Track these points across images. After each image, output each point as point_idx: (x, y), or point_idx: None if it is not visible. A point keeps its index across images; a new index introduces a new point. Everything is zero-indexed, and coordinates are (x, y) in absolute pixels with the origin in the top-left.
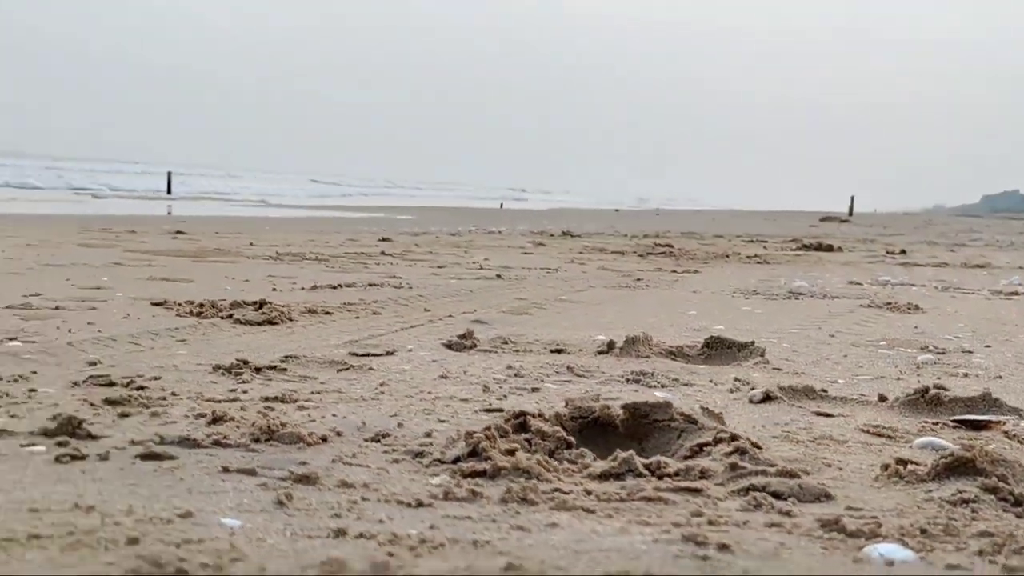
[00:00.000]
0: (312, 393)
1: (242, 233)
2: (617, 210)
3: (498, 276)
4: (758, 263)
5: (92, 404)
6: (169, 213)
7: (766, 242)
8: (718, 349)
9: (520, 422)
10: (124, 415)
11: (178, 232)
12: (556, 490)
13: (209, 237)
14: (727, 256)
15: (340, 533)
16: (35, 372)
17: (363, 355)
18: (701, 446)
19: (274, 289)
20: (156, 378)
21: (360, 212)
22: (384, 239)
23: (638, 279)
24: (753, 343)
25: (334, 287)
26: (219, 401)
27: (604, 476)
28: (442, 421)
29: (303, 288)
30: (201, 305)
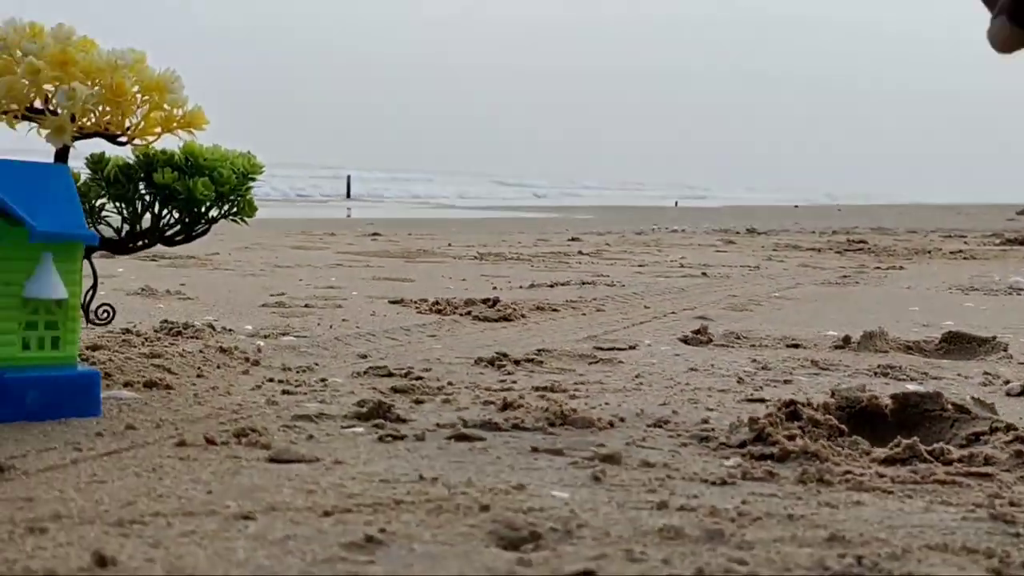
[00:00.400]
0: (576, 384)
1: (433, 235)
2: (796, 206)
3: (703, 274)
4: (964, 259)
5: (382, 392)
6: (348, 215)
7: (965, 237)
8: (957, 344)
9: (791, 411)
10: (418, 401)
11: (374, 234)
12: (848, 472)
13: (405, 239)
14: (928, 252)
15: (662, 505)
16: (317, 364)
17: (608, 349)
18: (977, 435)
19: (494, 288)
20: (426, 370)
21: (537, 213)
22: (573, 239)
23: (844, 276)
24: (995, 338)
25: (550, 285)
26: (496, 390)
27: (888, 461)
28: (710, 409)
29: (521, 286)
30: (437, 303)
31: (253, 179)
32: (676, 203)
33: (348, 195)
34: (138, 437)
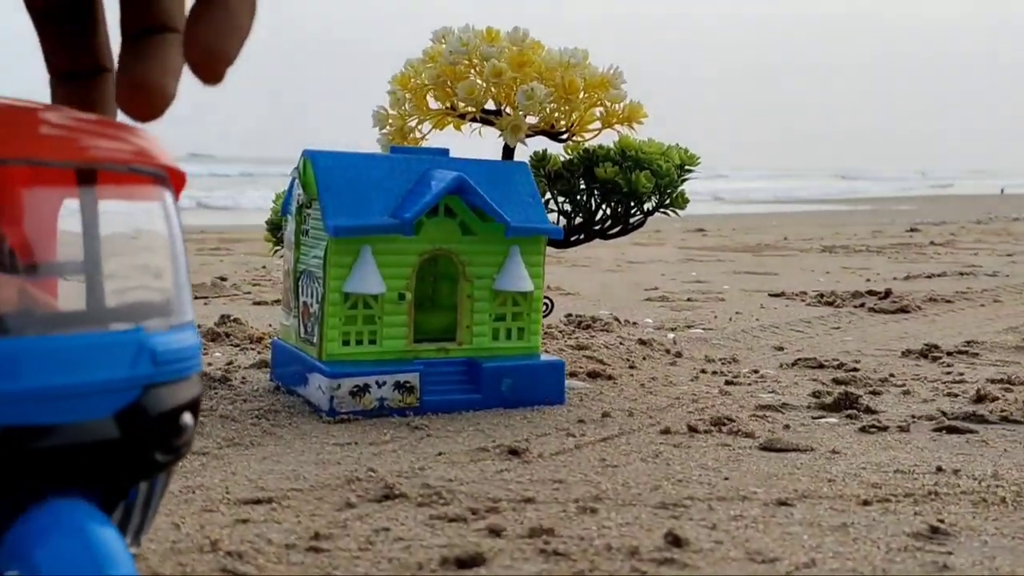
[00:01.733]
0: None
1: (756, 229)
2: None
3: None
4: None
5: (824, 383)
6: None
7: None
8: None
9: None
10: (874, 393)
11: (699, 229)
12: None
13: (734, 233)
14: None
15: None
16: (737, 356)
17: None
18: None
19: (867, 280)
20: (856, 361)
21: (833, 205)
22: (912, 229)
23: None
24: None
25: (927, 276)
26: (949, 382)
27: None
28: None
29: (895, 278)
30: (822, 295)
31: (690, 171)
32: (1002, 190)
33: None
34: (618, 425)
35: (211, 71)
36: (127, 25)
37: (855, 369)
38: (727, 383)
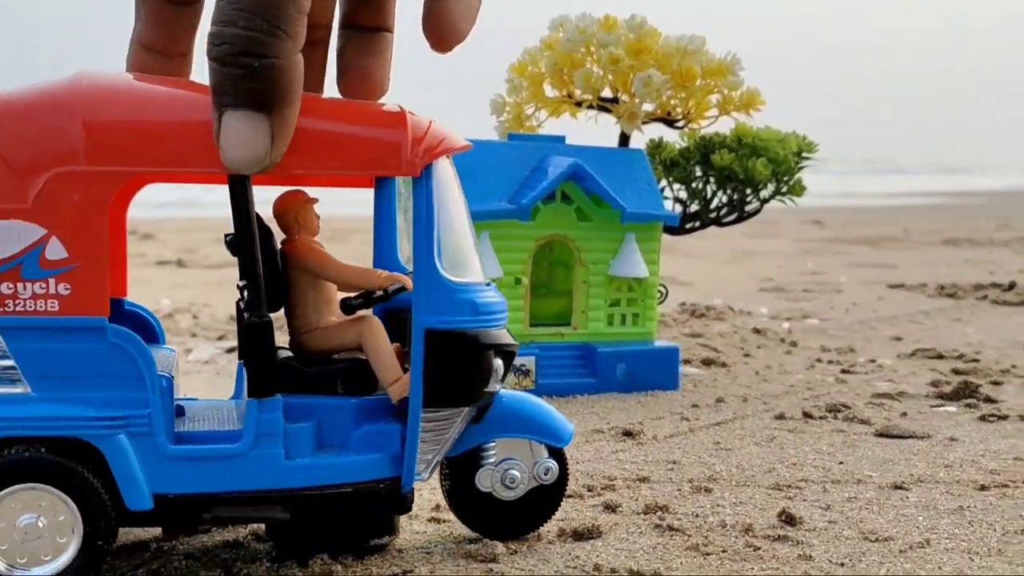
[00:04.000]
0: None
1: (874, 222)
2: None
3: None
4: None
5: (943, 373)
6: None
7: None
8: None
9: None
10: (996, 383)
11: (816, 222)
12: None
13: (851, 226)
14: None
15: None
16: (853, 345)
17: None
18: None
19: (991, 272)
20: (977, 352)
21: (961, 199)
22: None
23: None
24: None
25: None
26: None
27: None
28: None
29: (1021, 271)
30: (943, 287)
31: (808, 158)
32: None
33: None
34: (732, 410)
35: (446, 45)
36: (351, 21)
37: (975, 360)
38: (843, 372)
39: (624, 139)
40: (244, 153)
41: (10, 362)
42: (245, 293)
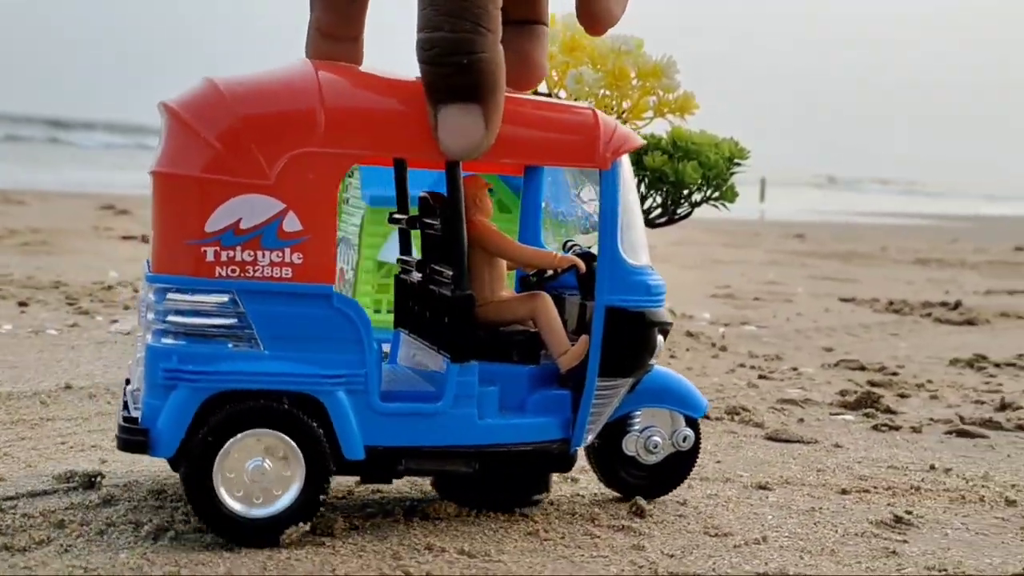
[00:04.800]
0: None
1: (858, 239)
2: None
3: None
4: None
5: (858, 384)
6: (761, 217)
7: None
8: None
9: None
10: (902, 396)
11: (798, 235)
12: None
13: (833, 241)
14: None
15: None
16: (782, 353)
17: None
18: None
19: (947, 292)
20: (900, 366)
21: (909, 219)
22: (1019, 248)
23: None
24: None
25: (1009, 293)
26: (984, 391)
27: None
28: None
29: (976, 292)
30: (892, 302)
31: (739, 164)
32: None
33: (762, 199)
34: None
35: (601, 29)
36: (513, 13)
37: (895, 373)
38: (760, 377)
39: None
40: (463, 142)
41: (234, 321)
42: (429, 268)
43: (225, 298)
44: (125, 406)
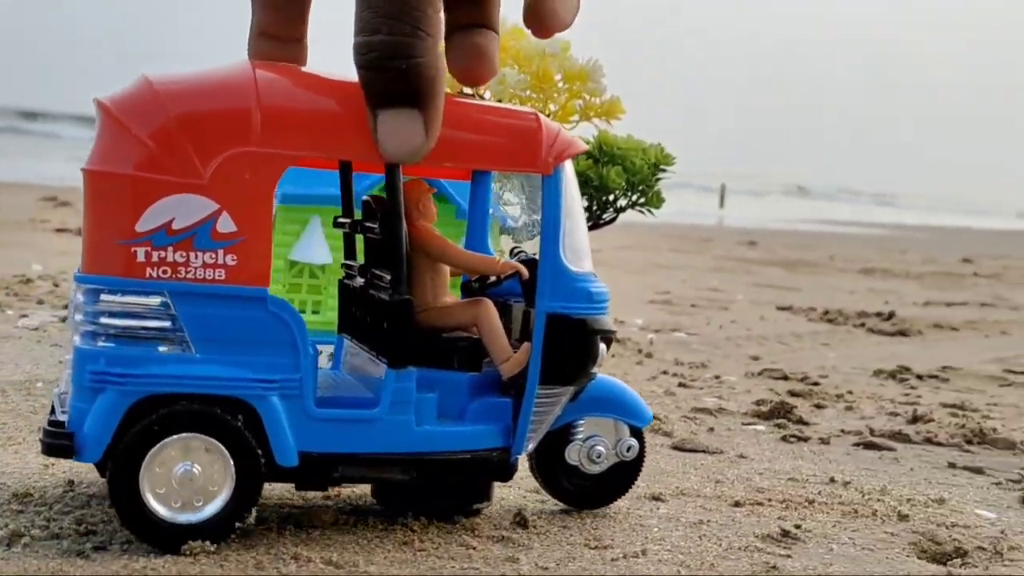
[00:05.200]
0: (989, 404)
1: (809, 247)
2: None
3: None
4: None
5: (778, 393)
6: (719, 223)
7: None
8: None
9: None
10: (819, 406)
11: (750, 242)
12: None
13: (784, 248)
14: None
15: None
16: (709, 360)
17: (1021, 372)
18: None
19: (885, 302)
20: (823, 376)
21: (865, 228)
22: (966, 260)
23: None
24: None
25: (947, 304)
26: (901, 403)
27: None
28: None
29: (914, 303)
30: (827, 312)
31: (664, 170)
32: None
33: (722, 205)
34: None
35: (547, 34)
36: (462, 19)
37: (816, 383)
38: (679, 385)
39: None
40: (402, 146)
41: (166, 324)
42: (370, 273)
43: (156, 300)
44: (52, 410)
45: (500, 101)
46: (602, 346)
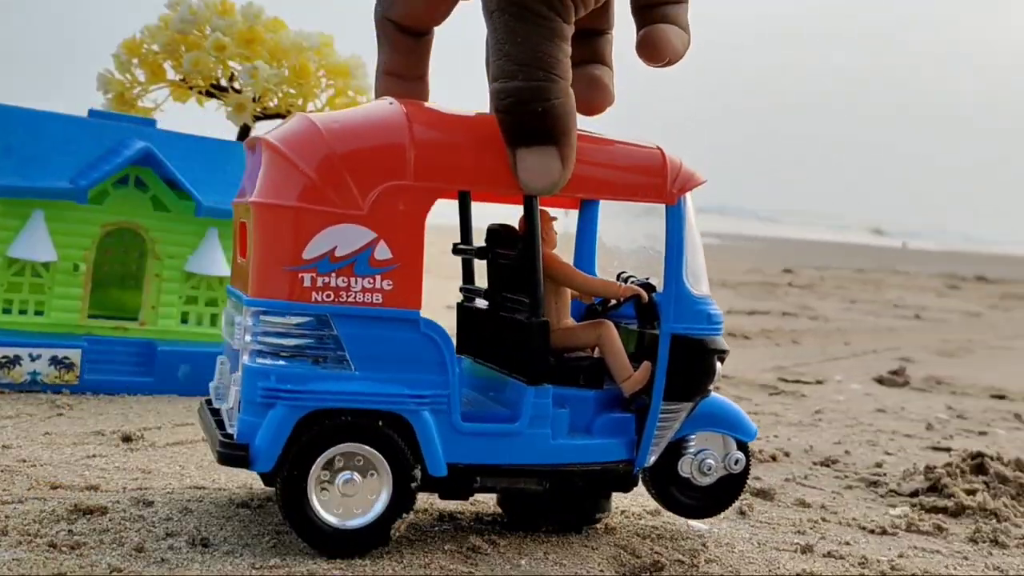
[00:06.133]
0: (750, 413)
1: None
2: None
3: (916, 316)
4: None
5: None
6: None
7: None
8: None
9: (978, 463)
10: None
11: None
12: None
13: None
14: None
15: (807, 549)
16: None
17: (793, 381)
18: None
19: None
20: None
21: (759, 244)
22: (787, 270)
23: None
24: None
25: (749, 313)
26: None
27: None
28: (889, 454)
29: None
30: None
31: None
32: (904, 244)
33: None
34: None
35: (660, 64)
36: (584, 23)
37: None
38: None
39: (244, 132)
40: (542, 180)
41: (329, 344)
42: (501, 296)
43: (320, 321)
44: (220, 424)
45: (256, 98)
46: (718, 364)
